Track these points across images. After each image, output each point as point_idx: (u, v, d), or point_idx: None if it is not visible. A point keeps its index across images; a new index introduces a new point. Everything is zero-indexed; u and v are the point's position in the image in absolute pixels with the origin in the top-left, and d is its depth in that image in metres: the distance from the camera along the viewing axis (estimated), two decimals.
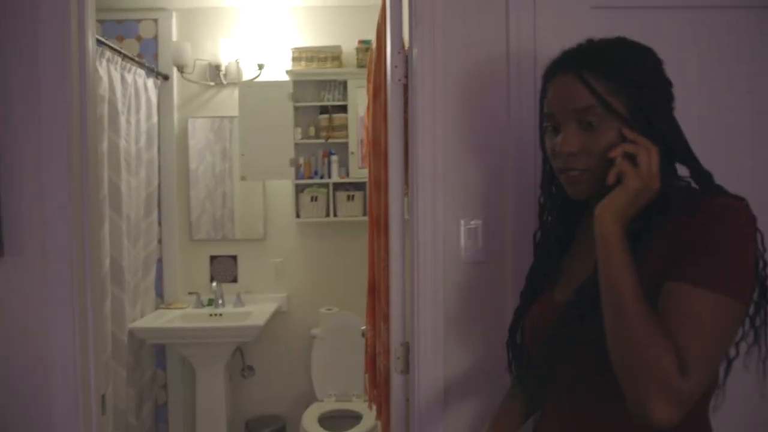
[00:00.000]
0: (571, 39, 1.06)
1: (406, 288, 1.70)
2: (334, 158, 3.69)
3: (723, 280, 0.85)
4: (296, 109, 3.73)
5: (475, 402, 1.64)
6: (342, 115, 3.70)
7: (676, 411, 0.82)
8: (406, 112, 1.66)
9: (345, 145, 3.71)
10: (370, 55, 2.22)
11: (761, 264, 0.91)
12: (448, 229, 1.59)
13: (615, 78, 0.95)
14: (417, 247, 1.60)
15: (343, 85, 3.70)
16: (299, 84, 3.70)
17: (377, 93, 2.04)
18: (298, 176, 3.70)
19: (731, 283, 0.85)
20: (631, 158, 0.93)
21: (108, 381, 3.04)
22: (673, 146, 0.96)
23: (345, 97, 3.69)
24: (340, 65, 3.68)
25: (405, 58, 1.66)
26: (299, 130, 3.74)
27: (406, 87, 1.66)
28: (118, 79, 3.18)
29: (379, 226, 2.01)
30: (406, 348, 1.70)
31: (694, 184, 0.97)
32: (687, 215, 0.89)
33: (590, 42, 1.02)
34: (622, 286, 0.86)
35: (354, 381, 3.53)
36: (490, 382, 1.61)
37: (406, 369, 1.70)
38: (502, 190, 1.60)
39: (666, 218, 0.91)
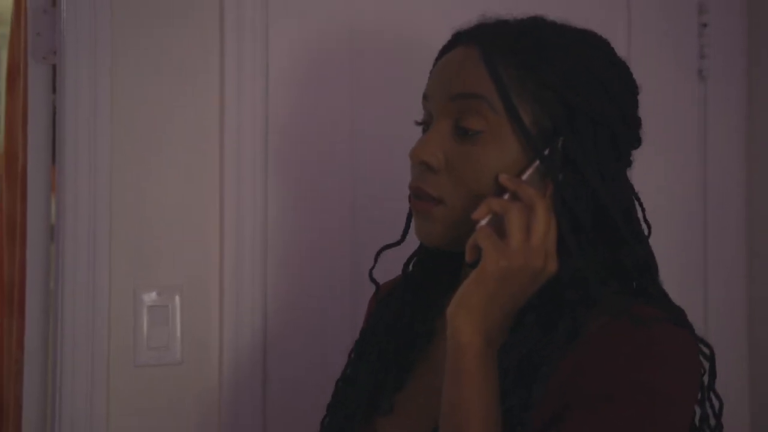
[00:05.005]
0: None
1: (48, 417, 1.22)
2: None
3: None
4: None
5: None
6: None
7: None
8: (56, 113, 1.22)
9: None
10: (14, 8, 1.68)
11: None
12: (119, 307, 1.18)
13: (536, 70, 0.74)
14: (61, 337, 1.15)
15: None
16: None
17: (14, 74, 1.66)
18: None
19: None
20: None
21: None
22: (609, 208, 0.74)
23: None
24: None
25: (54, 20, 1.21)
26: None
27: (55, 70, 1.22)
28: None
29: (12, 301, 1.66)
30: None
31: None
32: (604, 341, 0.71)
33: (517, 19, 0.80)
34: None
35: None
36: None
37: None
38: (225, 240, 1.19)
39: (576, 338, 0.72)
